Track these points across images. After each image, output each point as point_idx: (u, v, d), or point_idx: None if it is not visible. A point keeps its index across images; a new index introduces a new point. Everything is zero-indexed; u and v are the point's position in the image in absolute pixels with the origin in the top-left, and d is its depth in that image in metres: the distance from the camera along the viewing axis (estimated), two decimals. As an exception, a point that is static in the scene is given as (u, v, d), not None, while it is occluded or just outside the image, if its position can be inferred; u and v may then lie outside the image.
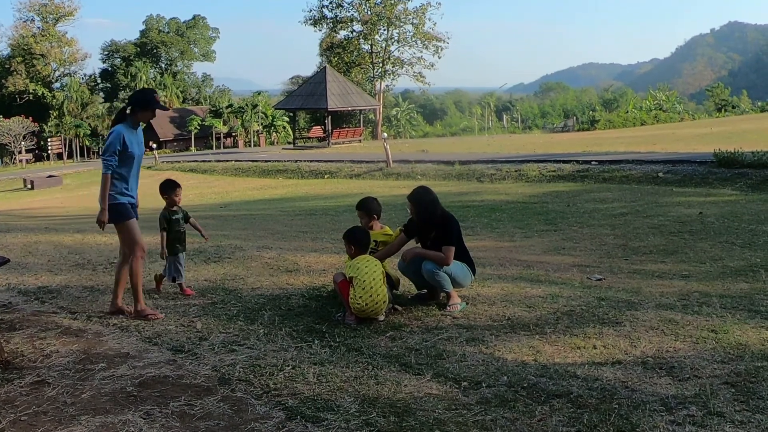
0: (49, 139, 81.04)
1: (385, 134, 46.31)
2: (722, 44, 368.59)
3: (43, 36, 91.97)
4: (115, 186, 7.44)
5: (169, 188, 8.34)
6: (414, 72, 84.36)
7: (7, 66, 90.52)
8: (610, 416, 4.69)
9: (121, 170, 7.42)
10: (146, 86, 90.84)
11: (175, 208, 8.42)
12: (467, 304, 7.66)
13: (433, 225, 7.76)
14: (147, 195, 9.10)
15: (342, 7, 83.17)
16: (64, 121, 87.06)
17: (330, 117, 61.34)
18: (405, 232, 7.93)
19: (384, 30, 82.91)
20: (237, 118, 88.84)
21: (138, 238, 7.50)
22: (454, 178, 28.82)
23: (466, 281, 7.88)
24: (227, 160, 45.51)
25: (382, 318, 7.14)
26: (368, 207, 8.19)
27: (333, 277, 7.65)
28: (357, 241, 7.54)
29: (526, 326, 6.87)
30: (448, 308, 7.53)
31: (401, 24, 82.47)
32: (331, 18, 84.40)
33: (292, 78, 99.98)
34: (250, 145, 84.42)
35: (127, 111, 7.46)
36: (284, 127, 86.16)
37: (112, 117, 7.50)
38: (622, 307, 7.49)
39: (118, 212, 7.46)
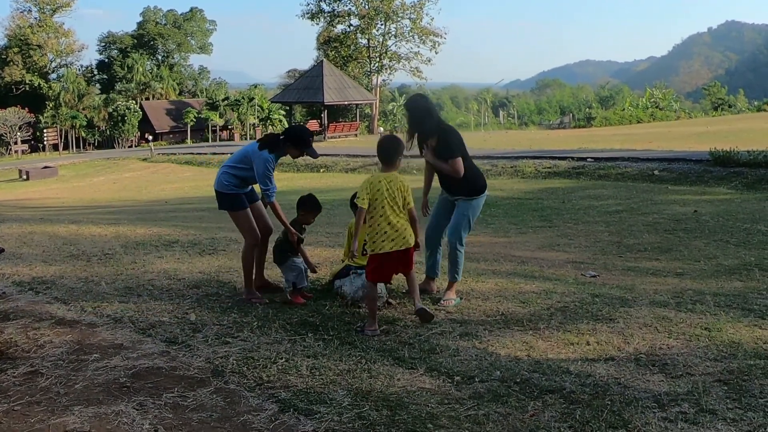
0: (45, 130, 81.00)
1: (382, 129, 46.33)
2: (719, 43, 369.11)
3: (39, 26, 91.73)
4: (235, 181, 7.72)
5: (313, 208, 8.15)
6: (411, 67, 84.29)
7: (3, 56, 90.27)
8: (602, 412, 4.70)
9: (246, 177, 7.72)
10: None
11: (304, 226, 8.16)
12: (462, 299, 7.67)
13: (427, 138, 7.74)
14: (143, 185, 9.08)
15: (340, 1, 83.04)
16: (60, 112, 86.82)
17: (326, 111, 61.25)
18: None
19: (381, 24, 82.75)
20: (233, 110, 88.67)
21: (252, 225, 7.78)
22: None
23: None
24: (223, 153, 45.39)
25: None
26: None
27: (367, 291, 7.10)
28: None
29: (519, 322, 6.88)
30: (443, 302, 7.54)
31: (399, 19, 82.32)
32: (329, 12, 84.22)
33: (288, 71, 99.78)
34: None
35: (280, 139, 7.65)
36: (280, 121, 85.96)
37: (262, 139, 7.61)
38: (615, 303, 7.50)
39: (232, 201, 7.75)
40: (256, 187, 7.85)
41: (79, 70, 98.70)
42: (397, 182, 7.09)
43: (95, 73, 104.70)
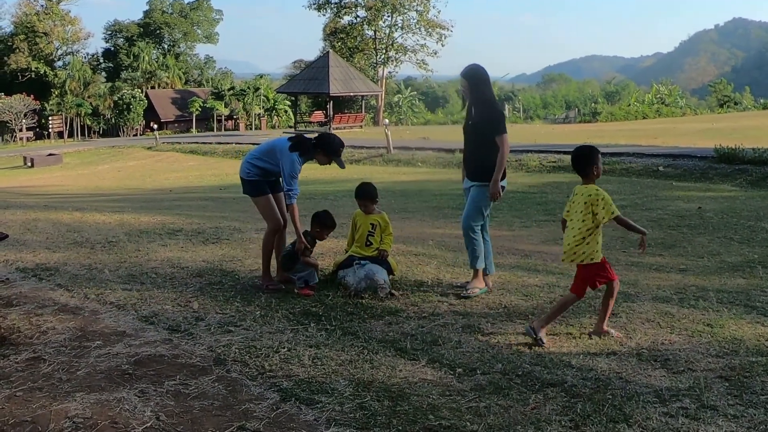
0: (50, 118, 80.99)
1: (387, 120, 46.30)
2: (726, 40, 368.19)
3: (46, 14, 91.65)
4: (257, 171, 7.78)
5: (328, 224, 8.12)
6: (417, 59, 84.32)
7: (9, 43, 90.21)
8: (603, 406, 4.71)
9: (268, 170, 7.75)
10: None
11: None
12: (488, 290, 7.67)
13: (479, 107, 7.69)
14: (147, 174, 9.09)
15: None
16: (66, 100, 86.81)
17: (332, 102, 61.28)
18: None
19: (388, 16, 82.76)
20: (239, 100, 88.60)
21: (275, 211, 7.84)
22: (454, 166, 28.66)
23: None
24: (228, 143, 45.44)
25: None
26: (366, 192, 8.17)
27: None
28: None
29: (522, 315, 6.89)
30: (467, 290, 7.54)
31: (405, 11, 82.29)
32: (336, 3, 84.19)
33: (294, 62, 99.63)
34: (251, 128, 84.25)
35: (312, 143, 7.68)
36: (286, 111, 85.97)
37: (293, 139, 7.59)
38: (618, 298, 7.47)
39: (255, 187, 7.82)
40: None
41: (85, 58, 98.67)
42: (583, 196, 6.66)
43: (101, 61, 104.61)
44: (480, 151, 7.69)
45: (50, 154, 48.77)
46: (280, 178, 7.68)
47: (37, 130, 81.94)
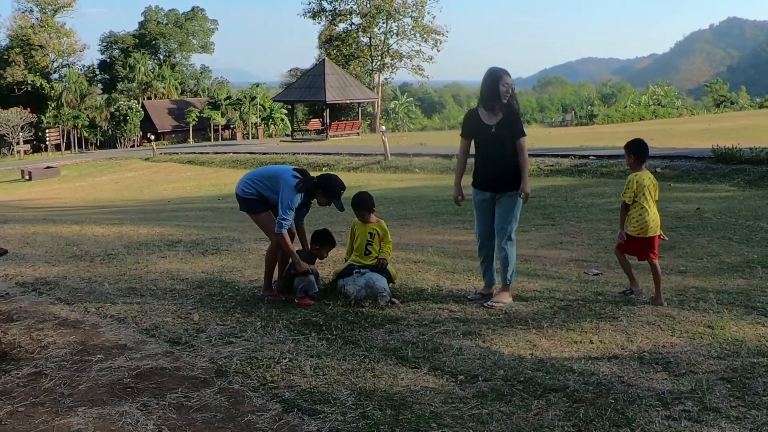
0: (47, 130, 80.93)
1: (384, 127, 46.32)
2: (721, 40, 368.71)
3: (41, 27, 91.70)
4: (254, 191, 7.70)
5: (328, 243, 8.14)
6: (413, 65, 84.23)
7: (5, 57, 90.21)
8: (606, 411, 4.71)
9: (264, 194, 7.68)
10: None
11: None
12: (513, 304, 7.56)
13: (498, 107, 7.61)
14: (145, 185, 9.09)
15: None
16: (63, 112, 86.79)
17: (328, 109, 61.26)
18: (463, 135, 7.82)
19: (383, 23, 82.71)
20: (235, 110, 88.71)
21: (272, 226, 7.65)
22: (452, 171, 28.64)
23: None
24: (225, 152, 45.44)
25: None
26: (363, 202, 8.14)
27: None
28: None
29: (523, 320, 6.89)
30: (492, 303, 7.42)
31: (400, 17, 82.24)
32: (330, 10, 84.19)
33: (290, 70, 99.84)
34: (248, 138, 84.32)
35: (313, 183, 7.63)
36: (282, 120, 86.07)
37: (301, 181, 7.53)
38: (618, 302, 7.51)
39: (253, 204, 7.75)
40: None
41: (81, 70, 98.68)
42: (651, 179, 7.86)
43: (97, 72, 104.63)
44: (507, 158, 7.60)
45: (48, 167, 48.76)
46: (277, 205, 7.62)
47: (34, 143, 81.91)
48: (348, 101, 63.08)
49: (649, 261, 7.62)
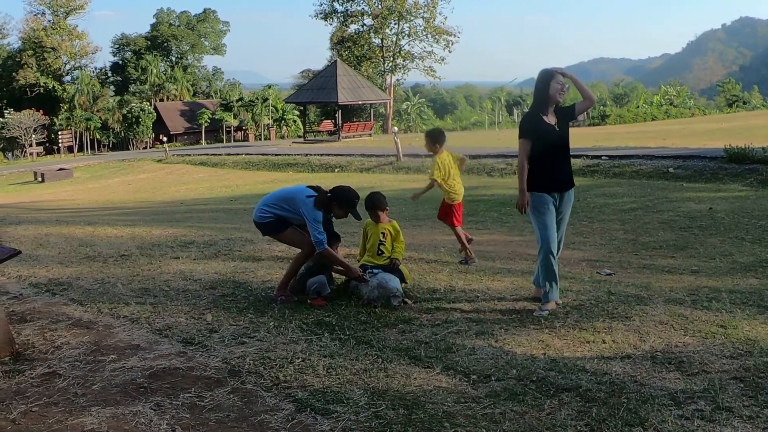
0: (59, 132, 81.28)
1: (396, 128, 46.31)
2: (733, 39, 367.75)
3: (53, 29, 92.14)
4: (274, 215, 7.81)
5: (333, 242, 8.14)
6: (424, 66, 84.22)
7: (17, 59, 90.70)
8: (618, 410, 4.70)
9: (285, 217, 7.77)
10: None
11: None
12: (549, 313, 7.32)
13: (552, 107, 7.56)
14: (158, 186, 9.11)
15: (353, 1, 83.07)
16: (75, 115, 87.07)
17: (340, 111, 61.36)
18: (527, 137, 7.48)
19: (395, 24, 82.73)
20: (247, 111, 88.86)
21: (304, 237, 7.71)
22: (464, 172, 28.56)
23: None
24: (237, 154, 45.48)
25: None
26: (376, 202, 8.15)
27: None
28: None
29: (535, 320, 6.88)
30: (540, 311, 7.18)
31: (412, 18, 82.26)
32: (342, 12, 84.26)
33: (302, 72, 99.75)
34: (260, 139, 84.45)
35: (327, 196, 7.67)
36: (294, 121, 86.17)
37: (316, 197, 7.53)
38: (631, 301, 7.49)
39: (274, 226, 7.90)
40: None
41: (93, 72, 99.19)
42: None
43: (109, 75, 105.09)
44: (568, 159, 7.64)
45: (60, 169, 48.97)
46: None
47: (47, 145, 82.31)
48: (360, 102, 63.09)
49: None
